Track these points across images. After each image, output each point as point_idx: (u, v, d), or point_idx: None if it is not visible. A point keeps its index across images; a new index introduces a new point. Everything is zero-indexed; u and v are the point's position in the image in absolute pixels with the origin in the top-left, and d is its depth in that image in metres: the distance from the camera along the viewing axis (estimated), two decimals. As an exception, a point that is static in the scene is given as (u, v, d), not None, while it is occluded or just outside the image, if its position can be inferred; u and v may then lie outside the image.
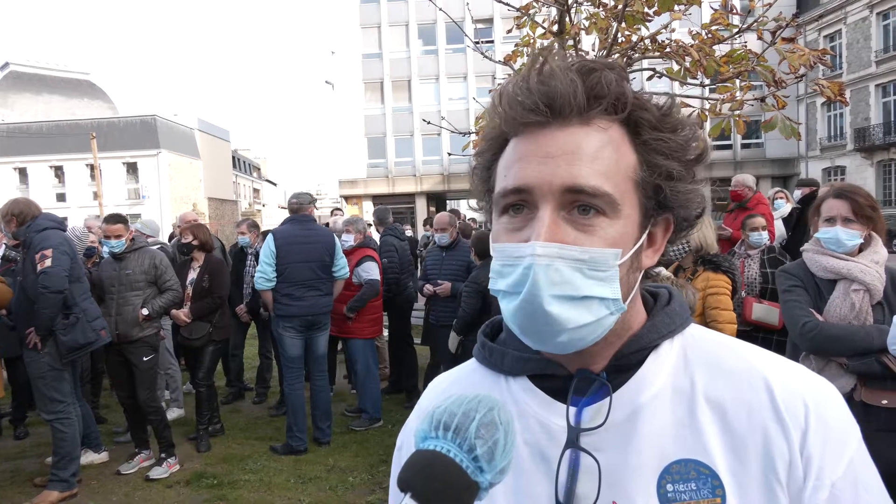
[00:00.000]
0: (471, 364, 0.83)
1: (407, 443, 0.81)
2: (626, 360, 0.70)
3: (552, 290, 0.63)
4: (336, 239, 5.14)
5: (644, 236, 0.69)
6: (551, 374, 0.72)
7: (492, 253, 0.70)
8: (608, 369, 0.70)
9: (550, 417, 0.70)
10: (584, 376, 0.70)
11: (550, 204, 0.64)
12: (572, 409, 0.69)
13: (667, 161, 0.68)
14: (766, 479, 0.63)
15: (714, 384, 0.68)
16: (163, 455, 4.58)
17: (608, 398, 0.67)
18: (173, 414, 5.67)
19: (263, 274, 4.81)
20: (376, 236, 6.87)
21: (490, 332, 0.83)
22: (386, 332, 6.50)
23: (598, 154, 0.64)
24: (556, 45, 3.73)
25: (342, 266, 5.08)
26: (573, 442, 0.67)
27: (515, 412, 0.72)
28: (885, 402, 2.28)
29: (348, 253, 5.46)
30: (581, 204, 0.64)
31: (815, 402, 0.65)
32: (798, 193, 6.68)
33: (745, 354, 0.70)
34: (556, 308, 0.63)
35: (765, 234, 4.59)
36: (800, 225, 6.02)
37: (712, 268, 3.45)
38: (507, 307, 0.67)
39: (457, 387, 0.80)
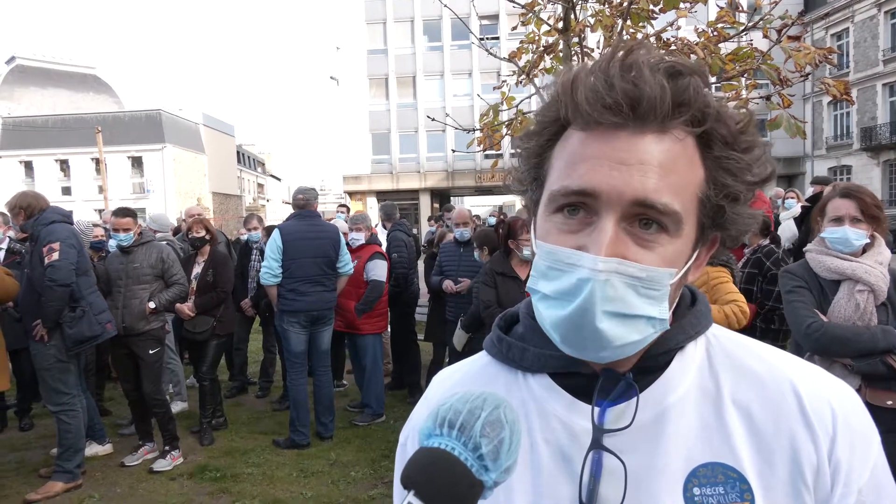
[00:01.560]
0: (482, 358, 0.80)
1: (412, 437, 0.78)
2: (653, 362, 0.68)
3: (605, 305, 0.60)
4: (341, 235, 5.11)
5: (695, 255, 0.67)
6: (575, 372, 0.70)
7: (535, 249, 0.67)
8: (634, 370, 0.68)
9: (572, 417, 0.68)
10: (609, 376, 0.68)
11: (615, 214, 0.60)
12: (596, 410, 0.67)
13: (734, 182, 0.64)
14: (793, 484, 0.63)
15: (739, 386, 0.67)
16: (166, 448, 4.60)
17: (634, 399, 0.66)
18: (177, 407, 5.69)
19: (269, 269, 4.79)
20: (380, 232, 6.86)
21: (504, 326, 0.80)
22: (388, 328, 6.50)
23: (672, 168, 0.61)
24: (560, 42, 3.73)
25: (346, 262, 5.07)
26: (598, 442, 0.65)
27: (535, 409, 0.70)
28: (889, 402, 2.28)
29: (357, 250, 5.45)
30: (644, 218, 0.61)
31: (841, 407, 0.65)
32: (811, 191, 6.66)
33: (767, 356, 0.70)
34: (607, 325, 0.61)
35: None
36: (805, 223, 5.98)
37: (707, 263, 3.44)
38: (548, 313, 0.64)
39: (468, 381, 0.77)
